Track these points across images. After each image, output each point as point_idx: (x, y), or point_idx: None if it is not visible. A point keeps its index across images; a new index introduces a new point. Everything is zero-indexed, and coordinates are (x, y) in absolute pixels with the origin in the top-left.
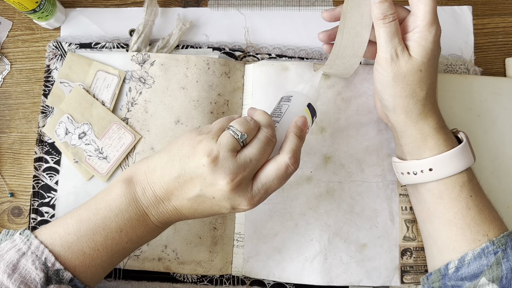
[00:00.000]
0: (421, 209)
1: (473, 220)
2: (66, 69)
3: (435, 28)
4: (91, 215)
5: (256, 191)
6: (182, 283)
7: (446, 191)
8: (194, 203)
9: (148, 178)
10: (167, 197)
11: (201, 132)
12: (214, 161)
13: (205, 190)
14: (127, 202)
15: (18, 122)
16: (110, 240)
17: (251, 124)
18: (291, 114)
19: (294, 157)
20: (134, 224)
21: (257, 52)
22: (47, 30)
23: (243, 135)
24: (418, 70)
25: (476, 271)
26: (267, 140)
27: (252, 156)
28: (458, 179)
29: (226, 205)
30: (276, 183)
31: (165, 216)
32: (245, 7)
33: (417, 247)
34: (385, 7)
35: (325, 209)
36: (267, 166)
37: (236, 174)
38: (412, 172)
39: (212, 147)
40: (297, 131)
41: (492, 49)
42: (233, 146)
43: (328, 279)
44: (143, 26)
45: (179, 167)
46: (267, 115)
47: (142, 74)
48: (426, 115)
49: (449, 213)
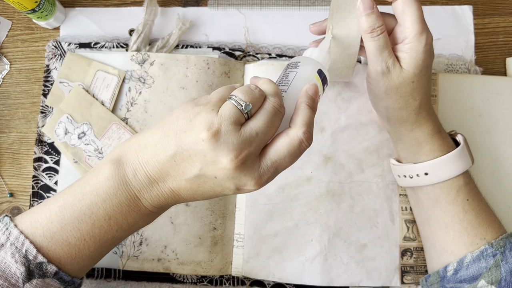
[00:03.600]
0: (419, 211)
1: (470, 224)
2: (66, 69)
3: (425, 37)
4: (75, 201)
5: (265, 169)
6: (182, 283)
7: (442, 195)
8: (193, 184)
9: (139, 158)
10: (162, 178)
11: (199, 103)
12: (215, 135)
13: (206, 169)
14: (116, 185)
15: (17, 122)
16: (97, 229)
17: (256, 92)
18: (300, 82)
19: (308, 132)
20: (124, 210)
21: (257, 52)
22: (46, 30)
23: (247, 105)
24: (410, 82)
25: (475, 274)
26: (274, 110)
27: (259, 129)
28: (454, 183)
29: (230, 186)
30: (287, 160)
31: (160, 200)
32: (245, 6)
33: (418, 248)
34: (372, 20)
35: (325, 209)
36: (277, 141)
37: (241, 150)
38: (408, 175)
39: (213, 120)
40: (309, 101)
41: (492, 49)
42: (236, 118)
43: (328, 279)
44: (143, 26)
45: (174, 143)
46: (273, 83)
47: (141, 74)
48: (420, 123)
49: (446, 217)
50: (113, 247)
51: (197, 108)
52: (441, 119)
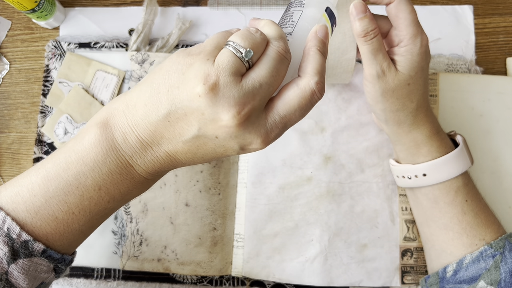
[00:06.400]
0: (418, 212)
1: (469, 225)
2: (65, 69)
3: (420, 40)
4: (60, 171)
5: (272, 124)
6: (182, 283)
7: (440, 196)
8: (192, 146)
9: (128, 119)
10: (155, 141)
11: (191, 52)
12: (212, 89)
13: (205, 128)
14: (104, 152)
15: (17, 122)
16: (87, 201)
17: (257, 36)
18: (307, 22)
19: (321, 82)
20: (115, 178)
21: None
22: (46, 30)
23: (248, 52)
24: (406, 84)
25: (475, 275)
26: (280, 57)
27: (262, 79)
28: (453, 184)
29: (234, 146)
30: (298, 114)
31: (156, 165)
32: (245, 6)
33: (418, 248)
34: (365, 24)
35: (325, 209)
36: (286, 92)
37: (244, 104)
38: (407, 176)
39: (209, 71)
40: (320, 45)
41: (493, 48)
42: (236, 68)
43: (329, 279)
44: (143, 26)
45: (167, 101)
46: (276, 25)
47: (141, 74)
48: (418, 124)
49: (445, 218)
50: (105, 219)
51: (190, 59)
52: (442, 119)
